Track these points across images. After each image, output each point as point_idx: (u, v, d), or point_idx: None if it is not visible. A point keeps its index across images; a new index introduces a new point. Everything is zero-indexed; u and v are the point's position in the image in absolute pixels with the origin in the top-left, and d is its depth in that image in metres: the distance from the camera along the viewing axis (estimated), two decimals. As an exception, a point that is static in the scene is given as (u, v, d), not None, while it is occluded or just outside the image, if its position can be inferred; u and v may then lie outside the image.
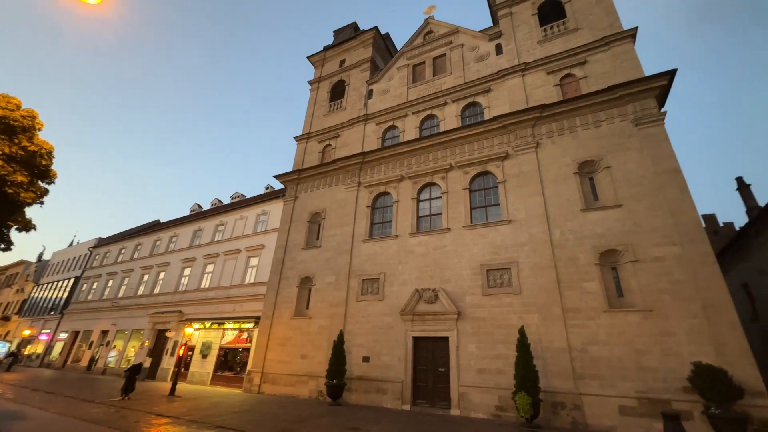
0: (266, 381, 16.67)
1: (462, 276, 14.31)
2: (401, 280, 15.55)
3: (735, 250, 18.57)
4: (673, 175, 11.98)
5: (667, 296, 10.92)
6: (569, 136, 14.53)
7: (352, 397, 14.35)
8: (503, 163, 15.44)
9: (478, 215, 15.38)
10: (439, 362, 13.61)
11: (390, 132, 20.32)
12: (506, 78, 17.28)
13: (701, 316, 10.40)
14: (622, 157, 13.16)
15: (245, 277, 21.87)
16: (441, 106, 18.93)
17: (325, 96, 24.45)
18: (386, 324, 15.02)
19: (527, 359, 10.82)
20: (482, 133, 16.41)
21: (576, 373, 11.30)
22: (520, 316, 12.64)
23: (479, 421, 11.40)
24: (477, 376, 12.61)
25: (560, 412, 10.89)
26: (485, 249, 14.31)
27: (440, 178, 16.79)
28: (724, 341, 9.96)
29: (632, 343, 10.89)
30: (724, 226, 33.63)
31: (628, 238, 12.02)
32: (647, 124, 13.07)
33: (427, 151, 17.67)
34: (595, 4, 16.68)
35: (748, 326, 15.80)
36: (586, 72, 15.48)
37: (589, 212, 12.98)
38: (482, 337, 13.05)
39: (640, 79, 13.50)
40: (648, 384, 10.39)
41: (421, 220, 16.70)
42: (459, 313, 13.67)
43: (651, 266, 11.42)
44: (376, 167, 19.04)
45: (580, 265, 12.46)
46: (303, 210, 20.42)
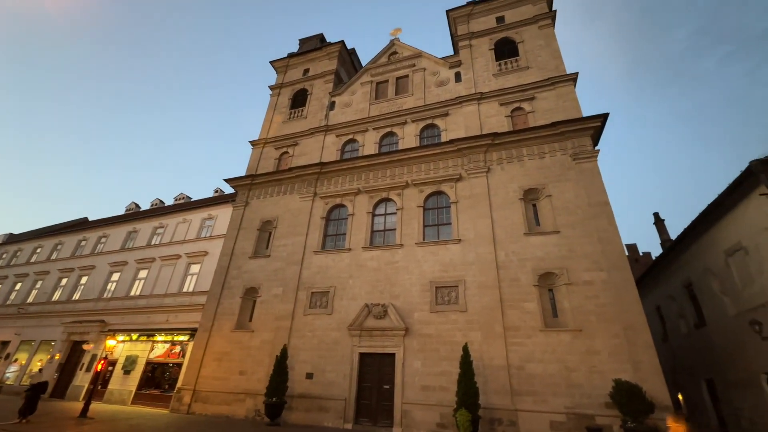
0: (198, 399, 15.37)
1: (411, 292, 14.49)
2: (351, 294, 15.37)
3: (651, 277, 20.83)
4: (603, 207, 13.28)
5: (594, 317, 11.90)
6: (517, 164, 15.59)
7: (293, 416, 13.68)
8: (456, 185, 16.11)
9: (431, 233, 15.80)
10: (384, 379, 13.50)
11: (350, 145, 20.39)
12: (463, 104, 18.25)
13: (622, 336, 11.44)
14: (562, 187, 14.35)
15: (183, 286, 20.28)
16: (401, 125, 19.43)
17: (286, 102, 24.04)
18: (333, 339, 14.67)
19: (469, 376, 11.10)
20: (439, 154, 17.05)
21: (513, 389, 11.79)
22: (465, 333, 13.01)
23: (420, 439, 11.38)
24: (421, 393, 12.67)
25: (497, 428, 11.25)
26: (435, 266, 14.67)
27: (396, 194, 17.07)
28: (640, 360, 11.01)
29: (563, 361, 11.66)
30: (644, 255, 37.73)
31: (564, 263, 13.01)
32: (583, 159, 14.45)
33: (385, 167, 17.94)
34: (544, 47, 18.36)
35: (660, 346, 17.66)
36: (534, 107, 16.83)
37: (531, 236, 13.89)
38: (428, 354, 13.21)
39: (578, 119, 14.96)
40: (576, 400, 11.12)
41: (375, 235, 16.76)
42: (407, 329, 13.76)
43: (582, 289, 12.42)
44: (333, 179, 18.91)
45: (521, 286, 13.20)
46: (254, 217, 19.59)
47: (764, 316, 11.46)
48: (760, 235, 11.59)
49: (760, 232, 11.58)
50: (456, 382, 11.37)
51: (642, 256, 36.95)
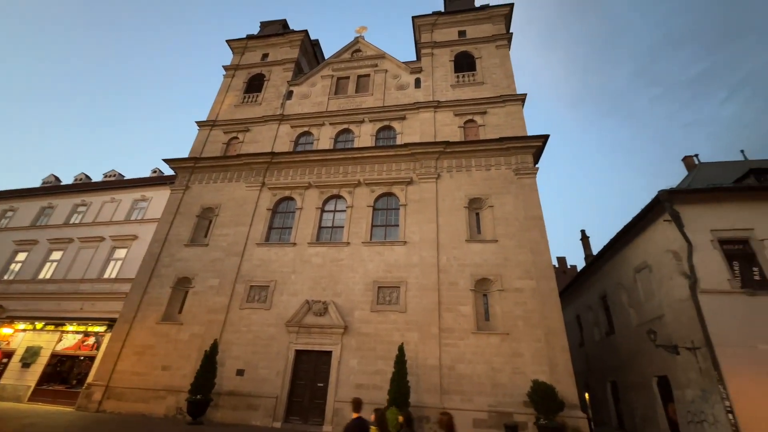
0: (111, 396, 14.02)
1: (354, 291, 14.50)
2: (293, 290, 15.00)
3: (574, 288, 22.89)
4: (537, 221, 14.35)
5: (521, 322, 12.80)
6: (465, 173, 16.29)
7: (218, 414, 13.00)
8: (407, 188, 16.43)
9: (378, 233, 15.94)
10: (319, 377, 13.34)
11: (304, 137, 19.93)
12: (420, 110, 18.68)
13: (543, 340, 12.42)
14: (503, 199, 15.26)
15: (105, 271, 18.41)
16: (358, 123, 19.39)
17: (241, 86, 22.88)
18: (269, 335, 14.20)
19: (402, 375, 11.36)
20: (393, 156, 17.28)
21: (443, 388, 12.27)
22: (402, 333, 13.30)
23: (349, 437, 11.39)
24: (354, 392, 12.67)
25: (424, 425, 11.63)
26: (380, 266, 14.82)
27: (347, 192, 16.99)
28: (556, 362, 12.03)
29: (490, 362, 12.38)
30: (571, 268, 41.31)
31: (499, 270, 13.84)
32: (524, 175, 15.49)
33: (339, 164, 17.79)
34: (499, 66, 19.42)
35: (576, 351, 19.46)
36: (485, 121, 17.72)
37: (472, 243, 14.58)
38: (365, 353, 13.29)
39: (522, 137, 16.03)
40: (498, 399, 11.86)
41: (322, 231, 16.53)
42: (346, 327, 13.73)
43: (512, 295, 13.30)
44: (284, 170, 18.33)
45: (459, 290, 13.80)
46: (193, 202, 18.35)
47: (659, 326, 13.11)
48: (662, 256, 13.25)
49: (662, 253, 13.23)
50: (390, 381, 11.57)
51: (569, 269, 40.47)
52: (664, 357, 12.66)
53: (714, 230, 12.22)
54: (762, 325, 10.68)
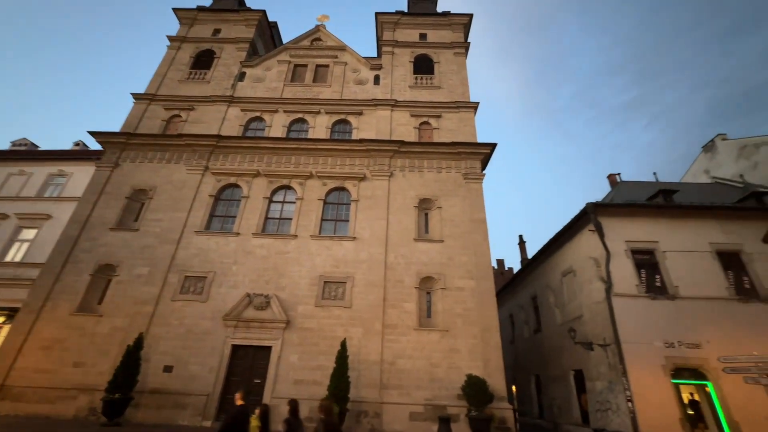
0: (7, 397, 12.24)
1: (299, 285, 14.17)
2: (233, 282, 14.26)
3: (510, 288, 24.59)
4: (480, 224, 15.14)
5: (460, 320, 13.44)
6: (417, 173, 16.66)
7: (140, 414, 11.97)
8: (360, 184, 16.39)
9: (328, 227, 15.72)
10: (256, 373, 12.86)
11: (255, 123, 18.98)
12: (378, 107, 18.72)
13: (479, 337, 13.17)
14: (451, 201, 15.86)
15: (7, 254, 15.99)
16: (314, 114, 18.92)
17: (187, 60, 21.13)
18: (204, 329, 13.36)
19: (343, 370, 11.36)
20: (348, 151, 17.12)
21: (383, 383, 12.49)
22: (346, 329, 13.29)
23: (285, 434, 11.14)
24: (293, 388, 12.44)
25: (362, 420, 11.76)
26: (327, 261, 14.64)
27: (298, 183, 16.52)
28: (489, 358, 12.83)
29: (429, 357, 12.85)
30: (508, 270, 44.20)
31: (443, 269, 14.38)
32: (472, 179, 16.25)
33: (291, 154, 17.22)
34: (456, 73, 20.10)
35: (507, 347, 20.90)
36: (439, 124, 18.26)
37: (419, 242, 14.98)
38: (306, 348, 13.07)
39: (473, 143, 16.79)
40: (435, 392, 12.36)
41: (268, 222, 15.90)
42: (288, 322, 13.38)
43: (454, 294, 13.91)
44: (231, 155, 17.31)
45: (404, 287, 14.11)
46: (123, 182, 16.62)
47: (579, 325, 14.55)
48: (585, 262, 14.71)
49: (586, 259, 14.69)
50: (330, 377, 11.50)
51: (507, 270, 43.33)
52: (580, 353, 14.08)
53: (628, 241, 13.84)
54: (658, 325, 12.33)
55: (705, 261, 13.46)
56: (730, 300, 12.73)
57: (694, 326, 12.26)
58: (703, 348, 11.87)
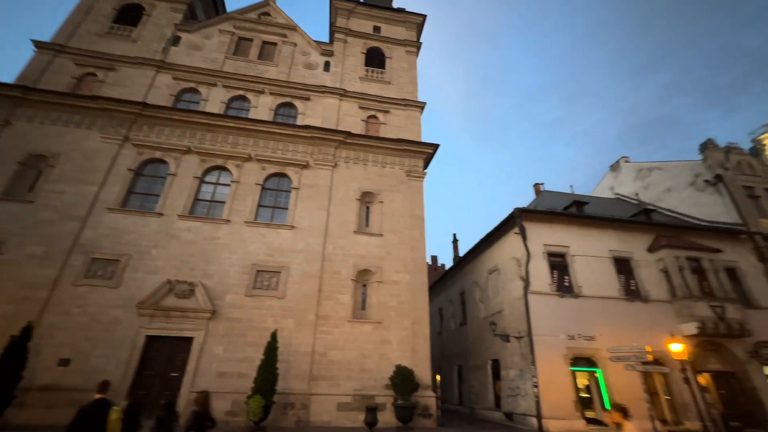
0: None
1: (229, 273, 13.36)
2: (152, 267, 12.94)
3: (441, 283, 25.94)
4: (418, 221, 15.68)
5: (393, 312, 13.84)
6: (361, 166, 16.64)
7: (24, 414, 10.35)
8: (302, 172, 15.89)
9: (264, 214, 15.01)
10: (174, 366, 11.88)
11: (188, 95, 17.30)
12: (326, 95, 18.25)
13: (410, 329, 13.69)
14: (393, 197, 16.16)
15: None
16: (257, 93, 17.82)
17: (109, 12, 18.45)
18: (113, 318, 11.96)
19: (271, 362, 11.02)
20: (291, 136, 16.45)
21: (313, 375, 12.39)
22: (277, 319, 12.88)
23: (203, 430, 10.50)
24: (216, 381, 11.75)
25: (289, 412, 11.56)
26: (262, 249, 14.01)
27: (235, 165, 15.48)
28: (418, 349, 13.42)
29: (361, 348, 13.04)
30: (441, 266, 46.46)
31: (381, 263, 14.63)
32: (414, 177, 16.71)
33: (229, 133, 16.04)
34: (406, 71, 20.40)
35: (435, 339, 22.05)
36: (386, 120, 18.41)
37: (359, 235, 15.03)
38: (233, 339, 12.42)
39: (418, 142, 17.24)
40: (364, 383, 12.59)
41: (198, 204, 14.69)
42: (214, 311, 12.57)
43: (389, 287, 14.25)
44: (157, 127, 15.58)
45: (341, 279, 14.08)
46: (16, 145, 14.06)
47: (499, 319, 15.89)
48: (509, 262, 16.06)
49: (509, 259, 16.05)
50: (258, 369, 11.08)
51: (440, 267, 45.54)
52: (498, 344, 15.41)
53: (545, 244, 15.41)
54: (563, 320, 13.98)
55: (604, 265, 15.56)
56: (620, 299, 14.91)
57: (591, 322, 14.13)
58: (597, 340, 13.76)
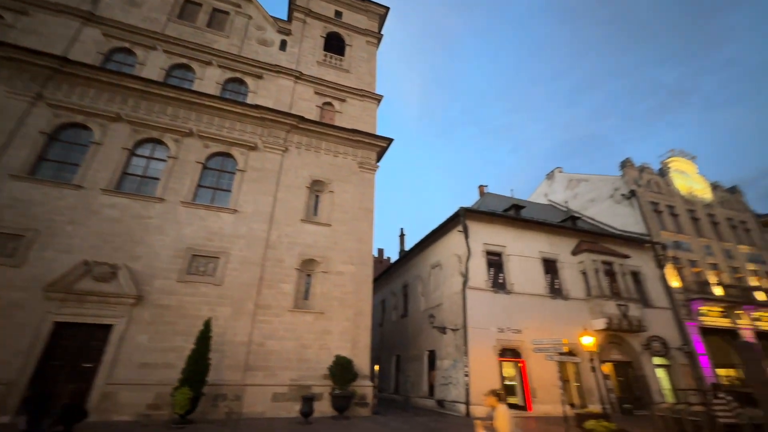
0: None
1: (160, 256, 12.31)
2: (66, 245, 11.47)
3: (386, 276, 26.40)
4: (368, 213, 15.75)
5: (336, 303, 13.81)
6: (313, 153, 16.23)
7: None
8: (249, 153, 15.08)
9: (204, 195, 14.02)
10: (87, 356, 10.71)
11: (120, 55, 15.46)
12: (280, 75, 17.43)
13: (352, 320, 13.77)
14: (344, 187, 16.01)
15: None
16: (204, 64, 16.47)
17: (23, -55, 15.69)
18: (12, 301, 10.42)
19: (203, 352, 10.43)
20: (239, 114, 15.48)
21: (248, 365, 11.95)
22: (213, 307, 12.19)
23: (116, 425, 9.65)
24: (137, 372, 10.84)
25: (219, 404, 11.05)
26: (199, 232, 13.09)
27: (173, 139, 14.21)
28: (358, 339, 13.56)
29: (301, 338, 12.86)
30: (387, 259, 47.21)
31: (327, 253, 14.47)
32: (366, 169, 16.69)
33: (168, 103, 14.65)
34: (365, 61, 20.19)
35: (376, 330, 22.44)
36: (342, 109, 18.10)
37: (306, 224, 14.70)
38: (161, 327, 11.51)
39: (372, 135, 17.22)
40: (302, 373, 12.45)
41: (127, 178, 13.28)
42: (140, 297, 11.52)
43: (334, 278, 14.17)
44: (80, 88, 13.73)
45: (284, 268, 13.68)
46: None
47: (438, 312, 16.62)
48: (451, 258, 16.82)
49: (451, 255, 16.80)
50: (187, 359, 10.41)
51: (385, 260, 46.26)
52: (436, 336, 16.13)
53: (485, 243, 16.38)
54: (496, 314, 15.04)
55: (534, 265, 16.97)
56: (545, 297, 16.39)
57: (519, 316, 15.37)
58: (523, 333, 15.01)
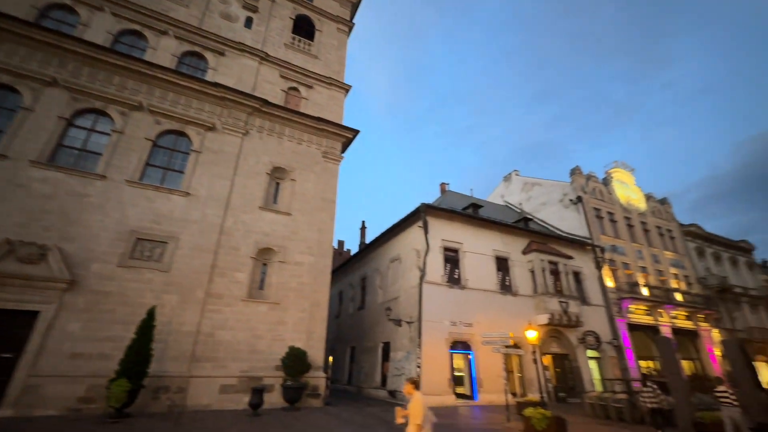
0: None
1: (99, 238, 11.32)
2: (-17, 222, 10.17)
3: (344, 268, 26.32)
4: (330, 204, 15.55)
5: (293, 294, 13.56)
6: (276, 139, 15.67)
7: None
8: (206, 134, 14.23)
9: (154, 175, 13.05)
10: (7, 345, 9.65)
11: (60, 13, 13.84)
12: (244, 54, 16.56)
13: (308, 311, 13.61)
14: (306, 176, 15.66)
15: None
16: (159, 33, 15.21)
17: None
18: None
19: (145, 342, 9.80)
20: (197, 91, 14.52)
21: (195, 356, 11.42)
22: (158, 295, 11.46)
23: (39, 421, 8.81)
24: (68, 363, 9.96)
25: (161, 396, 10.48)
26: (146, 214, 12.20)
27: (120, 112, 13.04)
28: (313, 330, 13.44)
29: (254, 329, 12.50)
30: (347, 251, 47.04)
31: (285, 242, 14.12)
32: (330, 159, 16.43)
33: (114, 71, 13.37)
34: (335, 49, 19.75)
35: (332, 321, 22.39)
36: (309, 95, 17.61)
37: (265, 211, 14.21)
38: (97, 315, 10.63)
39: (339, 125, 16.95)
40: (253, 364, 12.12)
41: (63, 150, 12.00)
42: (73, 282, 10.54)
43: (291, 268, 13.89)
44: (7, 45, 12.11)
45: (239, 256, 13.17)
46: None
47: (395, 305, 16.89)
48: (410, 252, 17.12)
49: (410, 250, 17.11)
50: (126, 349, 9.72)
51: (345, 251, 46.08)
52: (391, 328, 16.41)
53: (443, 239, 16.85)
54: (449, 308, 15.60)
55: (488, 263, 17.76)
56: (496, 293, 17.25)
57: (471, 311, 16.05)
58: (474, 327, 15.71)
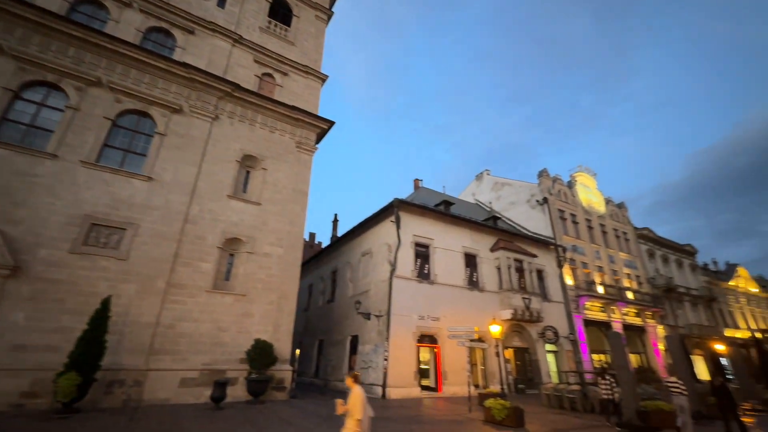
0: None
1: (48, 222, 10.52)
2: None
3: (315, 261, 26.04)
4: (302, 196, 15.29)
5: (260, 285, 13.26)
6: (248, 126, 15.15)
7: None
8: (172, 116, 13.52)
9: (113, 157, 12.25)
10: (-63, 335, 8.81)
11: (9, -27, 12.57)
12: (216, 35, 15.82)
13: (276, 303, 13.37)
14: (278, 166, 15.28)
15: None
16: (123, 5, 14.20)
17: None
18: None
19: (98, 333, 9.25)
20: (163, 71, 13.73)
21: (153, 348, 10.94)
22: (114, 284, 10.84)
23: (-20, 416, 8.15)
24: (9, 355, 9.24)
25: (116, 390, 9.97)
26: (102, 198, 11.45)
27: (75, 87, 12.10)
28: (281, 323, 13.23)
29: (218, 321, 12.13)
30: (318, 244, 46.51)
31: (254, 233, 13.75)
32: (304, 150, 16.12)
33: (70, 43, 12.37)
34: (313, 37, 19.29)
35: (301, 314, 22.13)
36: (284, 83, 17.13)
37: (233, 200, 13.75)
38: (44, 305, 9.91)
39: (314, 115, 16.62)
40: (216, 357, 11.78)
41: (7, 126, 10.99)
42: (17, 268, 9.75)
43: (260, 259, 13.56)
44: (-56, 3, 10.90)
45: (204, 246, 12.69)
46: None
47: (365, 299, 16.94)
48: (381, 246, 17.19)
49: (382, 244, 17.18)
50: (77, 341, 9.14)
51: (317, 244, 45.57)
52: (360, 321, 16.46)
53: (415, 235, 17.04)
54: (418, 303, 15.84)
55: (457, 259, 18.16)
56: (464, 288, 17.69)
57: (439, 305, 16.38)
58: (441, 321, 16.06)
